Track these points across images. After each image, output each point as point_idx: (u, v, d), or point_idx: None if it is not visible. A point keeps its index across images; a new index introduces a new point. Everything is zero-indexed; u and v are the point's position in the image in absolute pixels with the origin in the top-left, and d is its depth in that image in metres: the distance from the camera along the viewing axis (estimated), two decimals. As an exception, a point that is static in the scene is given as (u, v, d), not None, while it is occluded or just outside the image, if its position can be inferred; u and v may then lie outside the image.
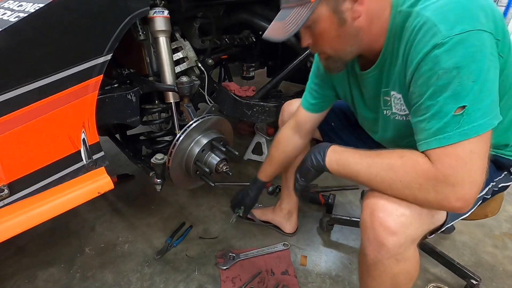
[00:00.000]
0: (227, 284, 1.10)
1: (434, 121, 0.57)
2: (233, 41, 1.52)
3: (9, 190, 0.73)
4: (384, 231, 0.63)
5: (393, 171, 0.62)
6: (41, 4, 0.68)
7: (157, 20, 0.96)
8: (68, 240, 1.28)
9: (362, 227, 0.68)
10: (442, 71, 0.55)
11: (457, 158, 0.55)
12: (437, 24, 0.55)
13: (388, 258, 0.65)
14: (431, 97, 0.57)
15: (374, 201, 0.66)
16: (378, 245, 0.65)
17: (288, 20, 0.66)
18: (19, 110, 0.69)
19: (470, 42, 0.54)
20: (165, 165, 0.99)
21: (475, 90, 0.54)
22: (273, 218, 1.34)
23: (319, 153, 0.74)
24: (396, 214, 0.63)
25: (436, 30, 0.55)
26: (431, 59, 0.56)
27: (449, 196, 0.57)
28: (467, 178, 0.55)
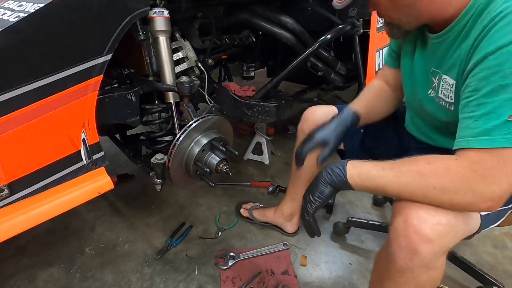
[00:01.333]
0: (227, 284, 1.10)
1: (483, 120, 0.54)
2: (233, 41, 1.52)
3: (9, 190, 0.73)
4: (420, 239, 0.61)
5: (424, 178, 0.59)
6: (41, 4, 0.68)
7: (157, 20, 0.96)
8: (68, 240, 1.28)
9: (393, 234, 0.66)
10: (510, 71, 0.51)
11: (497, 161, 0.53)
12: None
13: (420, 266, 0.63)
14: (488, 95, 0.54)
15: (408, 207, 0.64)
16: (411, 253, 0.62)
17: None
18: (19, 110, 0.69)
19: None
20: (165, 165, 0.99)
21: None
22: (274, 220, 1.33)
23: (338, 167, 0.69)
24: (432, 222, 0.61)
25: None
26: (502, 54, 0.52)
27: (485, 194, 0.55)
28: (505, 179, 0.53)
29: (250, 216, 1.36)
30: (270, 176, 1.76)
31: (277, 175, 1.77)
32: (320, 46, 1.40)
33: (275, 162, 1.91)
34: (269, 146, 1.89)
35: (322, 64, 1.60)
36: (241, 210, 1.41)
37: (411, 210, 0.63)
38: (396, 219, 0.65)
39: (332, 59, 1.61)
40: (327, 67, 1.63)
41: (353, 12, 1.48)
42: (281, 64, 1.94)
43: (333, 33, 1.42)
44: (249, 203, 1.44)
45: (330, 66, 1.64)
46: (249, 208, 1.40)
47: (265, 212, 1.36)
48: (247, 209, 1.39)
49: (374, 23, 1.52)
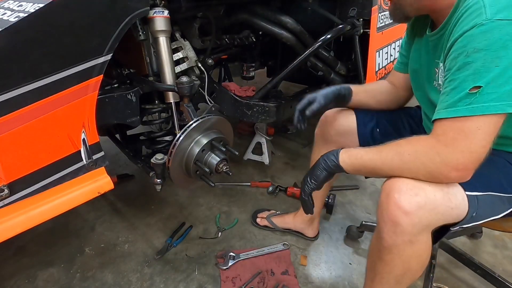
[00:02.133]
0: (227, 284, 1.10)
1: (451, 95, 0.62)
2: (233, 41, 1.51)
3: (9, 190, 0.73)
4: (399, 210, 0.65)
5: (399, 146, 0.68)
6: (41, 4, 0.68)
7: (157, 20, 0.96)
8: (68, 240, 1.28)
9: (379, 210, 0.70)
10: (471, 50, 0.58)
11: (460, 131, 0.60)
12: (486, 6, 0.58)
13: (403, 239, 0.66)
14: (455, 72, 0.61)
15: (391, 183, 0.69)
16: (393, 225, 0.66)
17: None
18: (19, 110, 0.69)
19: (507, 30, 0.56)
20: (165, 165, 0.99)
21: (495, 74, 0.56)
22: (294, 226, 1.32)
23: (332, 154, 0.79)
24: (409, 194, 0.65)
25: (482, 11, 0.58)
26: (466, 37, 0.59)
27: (450, 162, 0.61)
28: (467, 148, 0.59)
29: (269, 223, 1.34)
30: (270, 176, 1.76)
31: (277, 175, 1.77)
32: (320, 46, 1.40)
33: (275, 162, 1.91)
34: (269, 146, 1.89)
35: (322, 64, 1.60)
36: (258, 220, 1.38)
37: (394, 184, 0.68)
38: (381, 196, 0.70)
39: (332, 59, 1.61)
40: (327, 67, 1.63)
41: (353, 12, 1.48)
42: (281, 64, 1.93)
43: (333, 33, 1.42)
44: (264, 212, 1.41)
45: (330, 66, 1.64)
46: (265, 216, 1.37)
47: (284, 218, 1.35)
48: (264, 218, 1.37)
49: (374, 23, 1.52)
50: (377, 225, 0.72)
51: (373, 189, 1.63)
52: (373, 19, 1.51)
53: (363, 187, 1.64)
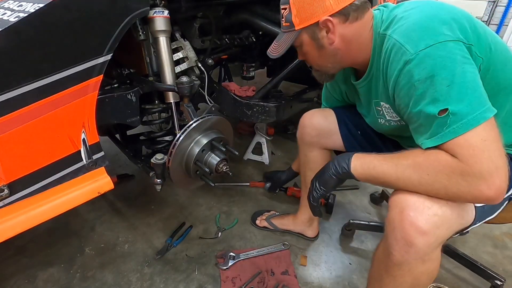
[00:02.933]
0: (227, 284, 1.10)
1: (425, 127, 0.64)
2: (233, 41, 1.52)
3: (9, 190, 0.73)
4: (415, 231, 0.62)
5: (418, 165, 0.64)
6: (41, 4, 0.68)
7: (157, 20, 0.96)
8: (68, 240, 1.28)
9: (389, 226, 0.67)
10: (417, 82, 0.62)
11: (474, 144, 0.58)
12: (404, 45, 0.64)
13: (416, 258, 0.64)
14: (414, 106, 0.64)
15: (404, 198, 0.65)
16: (406, 245, 0.63)
17: (281, 42, 0.83)
18: (19, 110, 0.69)
19: (436, 53, 0.60)
20: (165, 165, 0.99)
21: (452, 93, 0.59)
22: (294, 227, 1.32)
23: (344, 160, 0.76)
24: (428, 213, 0.62)
25: (404, 50, 0.64)
26: (405, 74, 0.64)
27: (481, 185, 0.57)
28: (491, 165, 0.56)
29: (269, 225, 1.34)
30: (270, 176, 1.75)
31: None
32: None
33: (275, 162, 1.91)
34: (269, 146, 1.89)
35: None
36: (257, 221, 1.38)
37: (408, 200, 0.65)
38: (392, 211, 0.67)
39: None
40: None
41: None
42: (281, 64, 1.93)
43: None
44: (264, 214, 1.41)
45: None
46: (265, 218, 1.37)
47: (283, 220, 1.35)
48: (264, 219, 1.37)
49: (374, 23, 1.52)
50: (385, 239, 0.69)
51: (373, 189, 1.63)
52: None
53: (363, 187, 1.64)
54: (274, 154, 1.97)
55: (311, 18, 0.74)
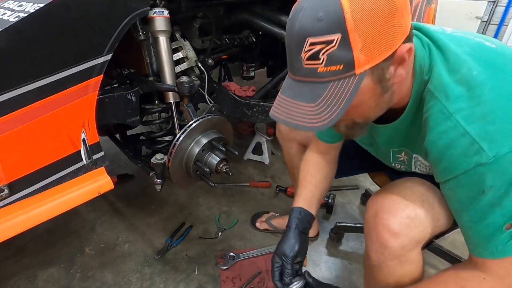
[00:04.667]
0: (227, 284, 1.10)
1: (482, 226, 0.54)
2: (233, 41, 1.52)
3: (9, 190, 0.73)
4: (388, 233, 0.63)
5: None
6: (41, 4, 0.68)
7: (157, 20, 0.96)
8: (68, 240, 1.28)
9: (366, 228, 0.68)
10: (488, 189, 0.51)
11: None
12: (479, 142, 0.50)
13: (392, 259, 0.64)
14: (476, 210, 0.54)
15: (380, 201, 0.66)
16: (381, 247, 0.64)
17: (324, 100, 0.50)
18: (19, 110, 0.69)
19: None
20: (165, 165, 0.99)
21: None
22: None
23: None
24: (401, 215, 0.62)
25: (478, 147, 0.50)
26: (474, 175, 0.52)
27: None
28: None
29: (270, 226, 1.34)
30: (270, 176, 1.76)
31: (277, 175, 1.77)
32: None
33: (275, 162, 1.91)
34: (269, 146, 1.89)
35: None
36: (257, 224, 1.37)
37: (383, 203, 0.65)
38: (368, 214, 0.67)
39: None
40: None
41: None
42: (281, 64, 1.93)
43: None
44: (263, 215, 1.40)
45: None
46: (265, 220, 1.37)
47: (283, 220, 1.32)
48: (264, 221, 1.36)
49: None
50: (365, 243, 0.70)
51: (373, 189, 1.63)
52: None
53: (363, 187, 1.64)
54: (274, 154, 1.97)
55: (388, 47, 0.48)
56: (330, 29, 0.46)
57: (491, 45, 0.57)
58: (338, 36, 0.46)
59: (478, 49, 0.56)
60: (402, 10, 0.48)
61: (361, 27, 0.45)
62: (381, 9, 0.46)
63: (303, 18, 0.48)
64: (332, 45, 0.46)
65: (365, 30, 0.46)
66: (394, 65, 0.51)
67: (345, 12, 0.45)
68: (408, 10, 0.50)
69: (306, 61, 0.49)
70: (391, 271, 0.66)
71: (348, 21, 0.45)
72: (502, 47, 0.58)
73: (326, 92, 0.50)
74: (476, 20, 3.77)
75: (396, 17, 0.47)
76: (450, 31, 0.62)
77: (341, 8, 0.45)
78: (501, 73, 0.52)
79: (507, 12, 3.57)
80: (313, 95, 0.51)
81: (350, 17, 0.45)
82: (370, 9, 0.45)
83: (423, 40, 0.59)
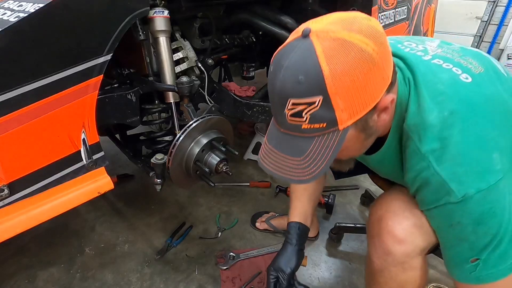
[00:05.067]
0: (227, 284, 1.10)
1: (451, 253, 0.59)
2: (233, 41, 1.51)
3: (9, 190, 0.73)
4: (392, 239, 0.63)
5: None
6: (41, 4, 0.68)
7: (157, 20, 0.96)
8: (68, 240, 1.28)
9: (369, 234, 0.68)
10: (456, 224, 0.55)
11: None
12: (448, 182, 0.53)
13: (395, 265, 0.64)
14: (448, 239, 0.59)
15: (384, 207, 0.66)
16: (384, 253, 0.64)
17: (310, 155, 0.52)
18: (19, 110, 0.69)
19: (487, 198, 0.52)
20: (165, 165, 0.99)
21: (492, 247, 0.53)
22: None
23: None
24: (406, 223, 0.62)
25: (448, 188, 0.53)
26: (443, 209, 0.56)
27: None
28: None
29: (270, 227, 1.34)
30: (270, 176, 1.76)
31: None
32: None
33: (275, 162, 1.90)
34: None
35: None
36: (257, 224, 1.37)
37: (387, 210, 0.65)
38: (372, 219, 0.67)
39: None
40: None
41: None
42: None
43: (333, 33, 1.41)
44: (263, 216, 1.40)
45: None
46: (265, 220, 1.37)
47: (283, 220, 1.33)
48: (263, 221, 1.36)
49: (374, 23, 1.52)
50: (368, 247, 0.70)
51: (373, 189, 1.63)
52: (373, 19, 1.50)
53: (363, 187, 1.64)
54: (274, 154, 1.97)
55: (369, 102, 0.49)
56: (312, 92, 0.46)
57: (466, 80, 0.57)
58: (319, 98, 0.46)
59: (453, 86, 0.57)
60: (382, 63, 0.48)
61: (342, 90, 0.46)
62: (361, 69, 0.46)
63: (284, 78, 0.48)
64: (314, 105, 0.47)
65: (346, 91, 0.46)
66: (377, 112, 0.53)
67: (325, 76, 0.45)
68: (388, 59, 0.51)
69: (289, 117, 0.50)
70: (393, 276, 0.66)
71: (329, 85, 0.45)
72: (479, 78, 0.58)
73: (311, 147, 0.52)
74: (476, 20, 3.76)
75: (376, 73, 0.48)
76: (429, 57, 0.62)
77: (321, 71, 0.45)
78: (471, 114, 0.54)
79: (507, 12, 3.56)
80: (299, 150, 0.53)
81: (331, 81, 0.45)
82: (350, 71, 0.45)
83: (405, 74, 0.60)
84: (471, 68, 0.59)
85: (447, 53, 0.63)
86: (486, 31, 3.76)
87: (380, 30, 0.49)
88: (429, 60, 0.62)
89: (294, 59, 0.47)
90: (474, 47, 0.81)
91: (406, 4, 1.69)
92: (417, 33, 1.98)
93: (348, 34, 0.46)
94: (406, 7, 1.69)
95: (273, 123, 0.58)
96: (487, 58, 0.64)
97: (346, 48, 0.45)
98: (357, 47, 0.45)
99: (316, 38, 0.46)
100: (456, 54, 0.63)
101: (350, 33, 0.46)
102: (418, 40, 0.69)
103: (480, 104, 0.55)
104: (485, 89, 0.57)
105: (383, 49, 0.48)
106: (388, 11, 1.51)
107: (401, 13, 1.64)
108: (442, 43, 0.68)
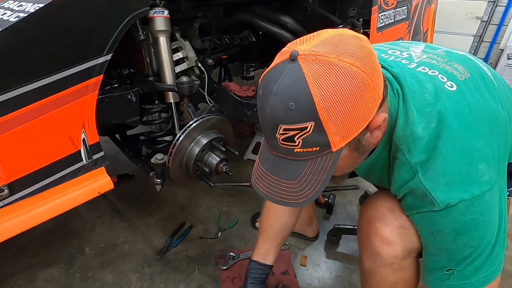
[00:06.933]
0: (227, 284, 1.10)
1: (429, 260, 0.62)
2: (233, 41, 1.51)
3: (9, 190, 0.73)
4: (380, 241, 0.63)
5: None
6: (41, 4, 0.68)
7: (157, 20, 0.96)
8: (68, 240, 1.28)
9: (359, 234, 0.69)
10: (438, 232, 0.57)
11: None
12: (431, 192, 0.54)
13: (384, 266, 0.65)
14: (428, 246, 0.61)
15: (373, 208, 0.66)
16: (373, 254, 0.65)
17: (304, 178, 0.51)
18: (19, 110, 0.69)
19: (470, 209, 0.53)
20: (165, 165, 0.99)
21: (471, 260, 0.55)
22: (295, 227, 1.31)
23: None
24: (394, 224, 0.63)
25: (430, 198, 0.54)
26: (425, 216, 0.57)
27: None
28: None
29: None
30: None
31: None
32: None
33: (275, 162, 1.91)
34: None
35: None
36: (257, 224, 1.37)
37: (376, 211, 0.65)
38: (361, 220, 0.68)
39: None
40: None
41: (353, 12, 1.48)
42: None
43: (333, 33, 1.41)
44: None
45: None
46: None
47: None
48: None
49: (374, 23, 1.52)
50: (359, 248, 0.71)
51: (373, 189, 1.63)
52: (373, 19, 1.51)
53: (363, 187, 1.64)
54: (274, 154, 1.97)
55: (362, 123, 0.48)
56: (303, 118, 0.45)
57: (451, 89, 0.57)
58: (311, 123, 0.46)
59: (438, 95, 0.57)
60: (373, 83, 0.47)
61: (333, 115, 0.45)
62: (352, 93, 0.45)
63: (274, 104, 0.46)
64: (307, 131, 0.46)
65: (338, 116, 0.45)
66: (370, 131, 0.52)
67: (316, 102, 0.44)
68: (378, 77, 0.49)
69: (281, 142, 0.49)
70: (383, 277, 0.67)
71: (320, 111, 0.44)
72: (464, 86, 0.58)
73: (305, 171, 0.51)
74: (476, 20, 3.76)
75: (367, 94, 0.47)
76: (415, 65, 0.62)
77: (312, 98, 0.44)
78: (456, 124, 0.54)
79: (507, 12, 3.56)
80: (293, 173, 0.52)
81: (322, 107, 0.44)
82: (340, 95, 0.44)
83: (393, 86, 0.59)
84: (457, 74, 0.60)
85: (432, 59, 0.63)
86: (486, 31, 3.75)
87: (369, 48, 0.49)
88: (414, 69, 0.62)
89: (283, 85, 0.45)
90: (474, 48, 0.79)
91: (406, 4, 1.69)
92: (417, 33, 1.98)
93: (337, 58, 0.45)
94: (406, 7, 1.69)
95: (265, 145, 0.57)
96: (473, 61, 0.64)
97: (336, 73, 0.44)
98: (347, 71, 0.44)
99: (305, 62, 0.45)
100: (441, 59, 0.63)
101: (339, 56, 0.45)
102: (402, 47, 0.69)
103: (465, 114, 0.55)
104: (470, 97, 0.57)
105: (373, 69, 0.48)
106: (388, 11, 1.51)
107: (401, 13, 1.64)
108: (427, 47, 0.68)
